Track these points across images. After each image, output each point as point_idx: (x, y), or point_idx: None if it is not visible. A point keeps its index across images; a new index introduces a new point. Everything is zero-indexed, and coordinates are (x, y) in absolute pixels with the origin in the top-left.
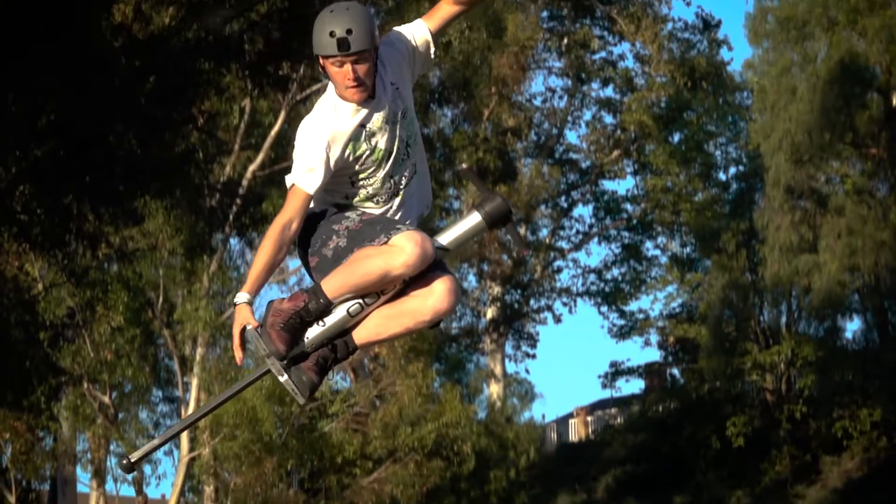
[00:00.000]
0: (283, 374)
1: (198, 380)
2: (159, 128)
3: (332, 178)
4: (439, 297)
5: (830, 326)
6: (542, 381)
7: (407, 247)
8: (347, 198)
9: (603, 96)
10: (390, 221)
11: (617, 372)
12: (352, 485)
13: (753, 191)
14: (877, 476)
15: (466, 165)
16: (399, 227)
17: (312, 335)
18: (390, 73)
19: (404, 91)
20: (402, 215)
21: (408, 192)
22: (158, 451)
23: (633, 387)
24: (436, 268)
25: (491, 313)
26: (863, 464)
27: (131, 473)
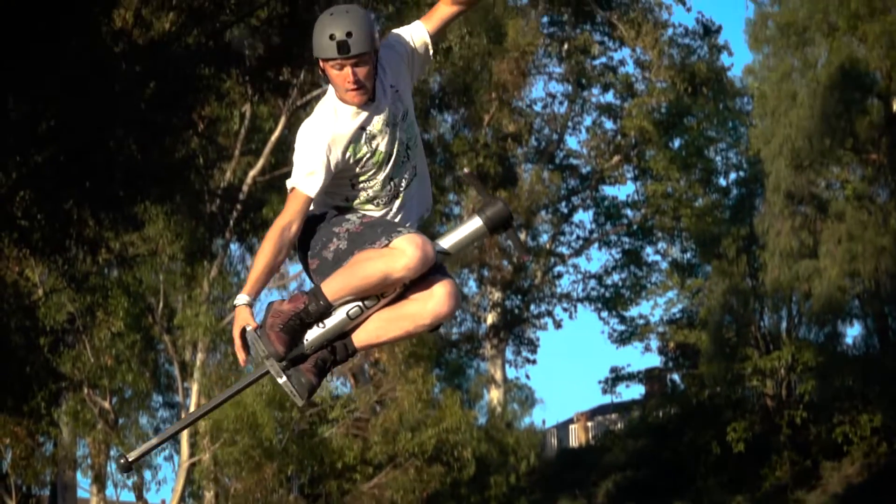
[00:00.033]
0: (282, 375)
1: (198, 385)
2: (159, 133)
3: (333, 181)
4: (439, 301)
5: (831, 332)
6: (543, 387)
7: (408, 250)
8: (348, 200)
9: (603, 102)
10: (391, 224)
11: (617, 377)
12: (352, 490)
13: (754, 196)
14: (877, 481)
15: (468, 170)
16: (400, 229)
17: (312, 337)
18: (390, 76)
19: (404, 93)
20: (403, 217)
21: (408, 194)
22: (159, 457)
23: (633, 392)
24: (436, 271)
25: (491, 319)
26: (863, 469)
27: (128, 472)
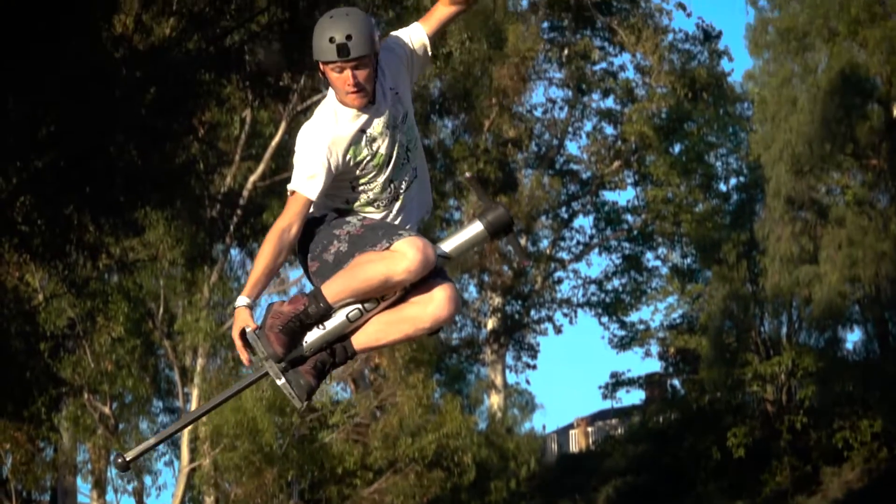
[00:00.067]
0: (281, 377)
1: (198, 390)
2: (160, 138)
3: (333, 183)
4: (439, 305)
5: (831, 337)
6: (543, 392)
7: (409, 252)
8: (348, 203)
9: (603, 107)
10: (392, 227)
11: (617, 383)
12: (352, 495)
13: (754, 202)
14: (877, 487)
15: (470, 174)
16: (401, 232)
17: (311, 339)
18: (390, 79)
19: (404, 96)
20: (403, 219)
21: (408, 196)
22: (159, 462)
23: (633, 397)
24: (436, 275)
25: (491, 324)
26: (863, 475)
27: (126, 471)
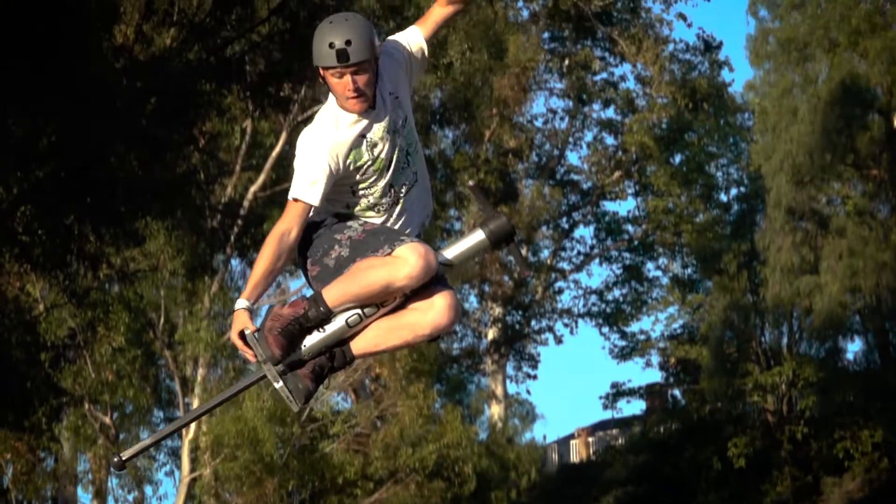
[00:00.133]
0: (279, 380)
1: (199, 400)
2: (160, 149)
3: (333, 188)
4: (439, 312)
5: (832, 347)
6: (544, 402)
7: (411, 258)
8: (348, 207)
9: (604, 117)
10: (394, 232)
11: (618, 393)
12: None
13: (755, 212)
14: (878, 497)
15: (473, 182)
16: (403, 238)
17: (310, 343)
18: (389, 83)
19: (404, 100)
20: (404, 224)
21: (408, 200)
22: (160, 472)
23: (634, 408)
24: (437, 282)
25: (492, 334)
26: (864, 485)
27: (122, 470)
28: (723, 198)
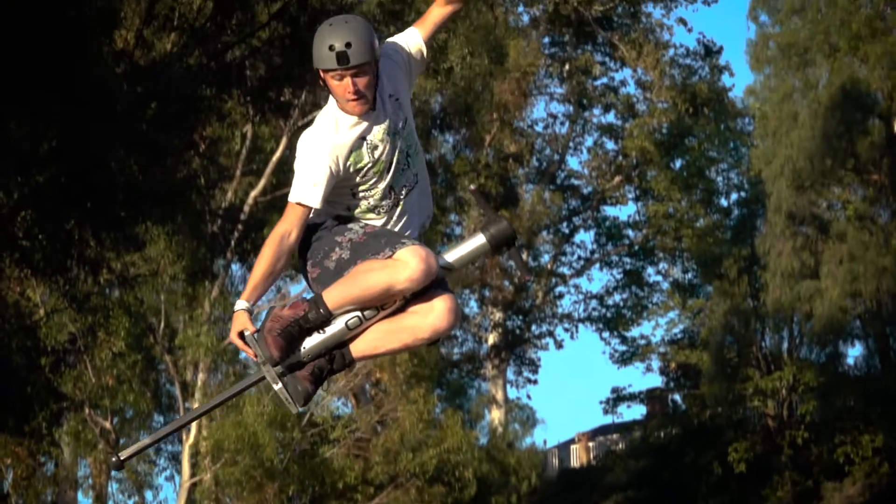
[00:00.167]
0: (278, 382)
1: (199, 405)
2: (161, 154)
3: (334, 191)
4: (439, 316)
5: (832, 352)
6: (544, 407)
7: (412, 262)
8: (349, 209)
9: (604, 122)
10: (395, 235)
11: (618, 398)
12: None
13: (755, 217)
14: (879, 502)
15: (474, 186)
16: (404, 241)
17: (310, 345)
18: (389, 85)
19: (404, 102)
20: (404, 225)
21: (408, 202)
22: (160, 477)
23: (634, 412)
24: (437, 286)
25: (492, 339)
26: (864, 489)
27: (120, 470)
28: (723, 202)
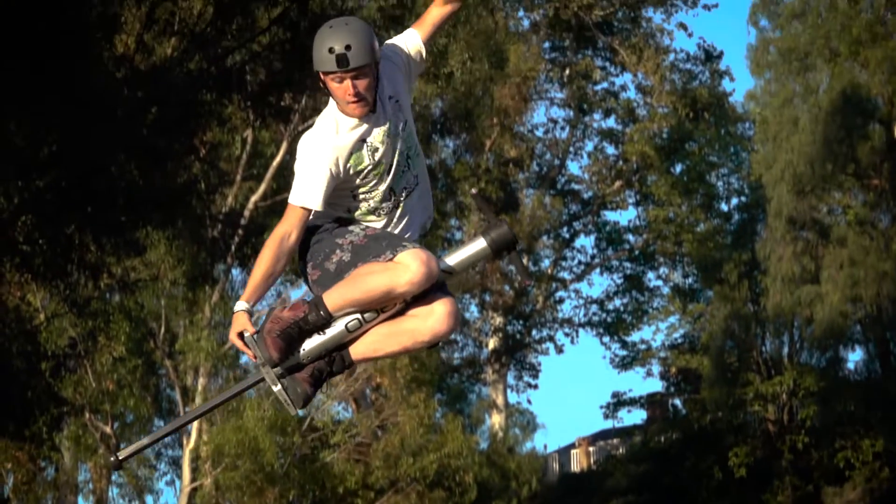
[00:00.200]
0: (277, 383)
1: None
2: (161, 158)
3: (334, 193)
4: (439, 319)
5: (832, 357)
6: (544, 412)
7: (412, 265)
8: (349, 211)
9: (605, 127)
10: (396, 237)
11: (619, 402)
12: None
13: (755, 221)
14: None
15: (476, 190)
16: (405, 244)
17: (309, 347)
18: (389, 87)
19: (403, 103)
20: (405, 227)
21: (408, 204)
22: (160, 482)
23: (635, 417)
24: (438, 289)
25: (493, 344)
26: (865, 494)
27: (118, 470)
28: (723, 207)
